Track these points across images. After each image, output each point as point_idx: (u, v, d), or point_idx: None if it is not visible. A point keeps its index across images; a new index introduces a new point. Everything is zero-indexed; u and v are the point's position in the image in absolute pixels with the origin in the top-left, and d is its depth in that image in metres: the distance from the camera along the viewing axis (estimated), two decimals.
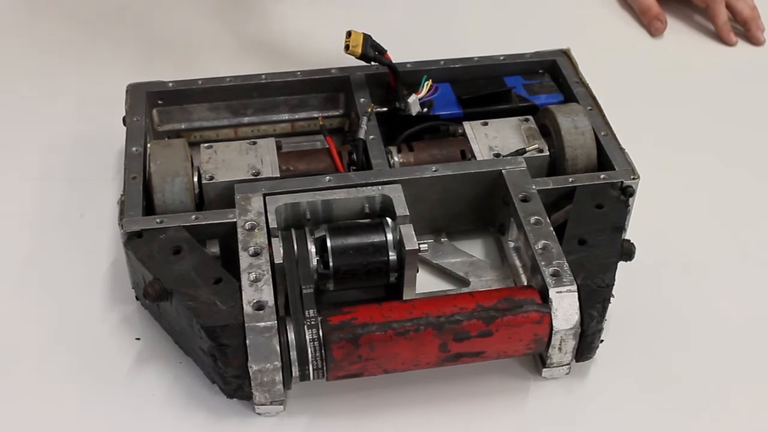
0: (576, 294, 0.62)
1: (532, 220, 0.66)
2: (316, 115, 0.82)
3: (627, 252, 0.65)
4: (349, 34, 0.75)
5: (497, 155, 0.73)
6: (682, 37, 1.02)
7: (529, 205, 0.67)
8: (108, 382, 0.65)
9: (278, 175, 0.70)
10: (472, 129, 0.75)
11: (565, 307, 0.61)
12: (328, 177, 0.68)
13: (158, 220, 0.66)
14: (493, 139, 0.74)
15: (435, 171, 0.70)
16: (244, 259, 0.63)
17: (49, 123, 0.88)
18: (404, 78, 0.78)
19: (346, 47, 0.75)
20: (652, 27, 1.01)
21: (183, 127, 0.81)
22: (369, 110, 0.76)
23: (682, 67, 0.98)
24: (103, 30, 1.00)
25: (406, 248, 0.63)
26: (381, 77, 0.79)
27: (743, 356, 0.68)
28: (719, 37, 1.00)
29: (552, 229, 0.66)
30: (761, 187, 0.83)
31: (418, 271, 0.65)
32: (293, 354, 0.59)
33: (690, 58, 0.99)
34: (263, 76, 0.80)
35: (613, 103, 0.78)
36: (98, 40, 0.99)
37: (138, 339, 0.67)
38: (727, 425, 0.63)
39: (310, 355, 0.59)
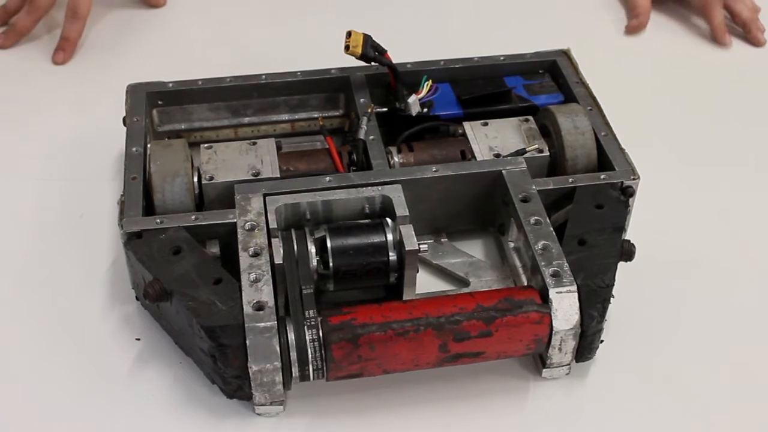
0: (576, 294, 0.62)
1: (532, 220, 0.66)
2: (316, 116, 0.82)
3: (627, 252, 0.65)
4: (349, 34, 0.75)
5: (497, 155, 0.73)
6: (681, 37, 1.02)
7: (529, 205, 0.67)
8: (108, 382, 0.65)
9: (278, 176, 0.70)
10: (472, 129, 0.75)
11: (565, 307, 0.61)
12: (328, 177, 0.68)
13: (158, 221, 0.66)
14: (493, 140, 0.74)
15: (435, 171, 0.70)
16: (244, 260, 0.63)
17: (49, 123, 0.88)
18: (404, 78, 0.78)
19: (346, 47, 0.75)
20: (629, 25, 1.01)
21: (183, 127, 0.81)
22: (369, 110, 0.76)
23: (681, 67, 0.98)
24: (103, 30, 1.00)
25: (406, 248, 0.63)
26: (381, 77, 0.79)
27: (743, 356, 0.68)
28: (714, 38, 1.00)
29: (552, 229, 0.66)
30: (761, 186, 0.83)
31: (418, 272, 0.65)
32: (293, 354, 0.59)
33: (690, 58, 0.99)
34: (263, 76, 0.80)
35: (612, 104, 0.78)
36: (98, 40, 0.99)
37: (138, 339, 0.67)
38: (727, 425, 0.63)
39: (310, 356, 0.59)
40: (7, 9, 1.00)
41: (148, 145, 0.74)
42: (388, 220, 0.66)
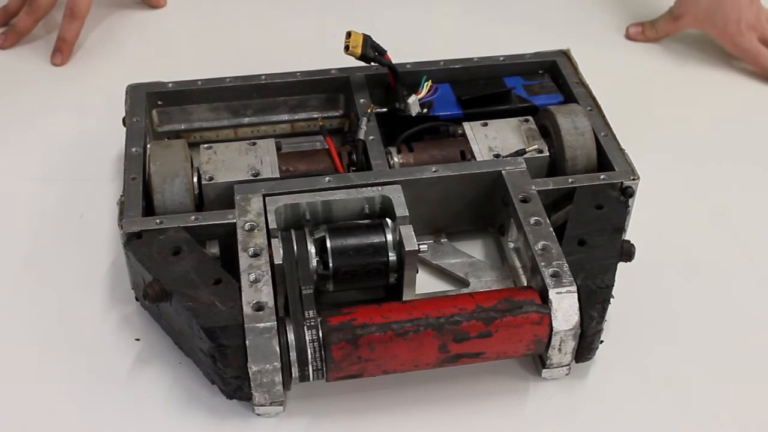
0: (576, 295, 0.62)
1: (532, 220, 0.66)
2: (315, 116, 0.82)
3: (627, 252, 0.65)
4: (348, 34, 0.75)
5: (497, 156, 0.73)
6: (681, 38, 1.02)
7: (528, 205, 0.67)
8: (108, 382, 0.65)
9: (278, 176, 0.70)
10: (471, 129, 0.75)
11: (564, 307, 0.61)
12: (327, 178, 0.68)
13: (158, 221, 0.66)
14: (493, 140, 0.74)
15: (435, 172, 0.70)
16: (244, 260, 0.63)
17: (49, 123, 0.88)
18: (404, 78, 0.78)
19: (346, 48, 0.75)
20: (632, 32, 1.01)
21: (183, 127, 0.81)
22: (369, 111, 0.76)
23: (682, 67, 0.98)
24: (103, 30, 1.00)
25: (406, 249, 0.63)
26: (381, 78, 0.79)
27: (743, 356, 0.68)
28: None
29: (552, 229, 0.66)
30: (761, 186, 0.83)
31: (417, 272, 0.65)
32: (293, 355, 0.59)
33: (690, 58, 0.99)
34: (263, 77, 0.80)
35: (612, 104, 0.78)
36: (98, 40, 0.99)
37: (138, 340, 0.67)
38: (726, 425, 0.63)
39: (309, 356, 0.59)
40: (7, 10, 0.99)
41: (148, 146, 0.74)
42: (388, 220, 0.66)
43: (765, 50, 0.95)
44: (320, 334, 0.59)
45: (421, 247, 0.64)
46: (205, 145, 0.73)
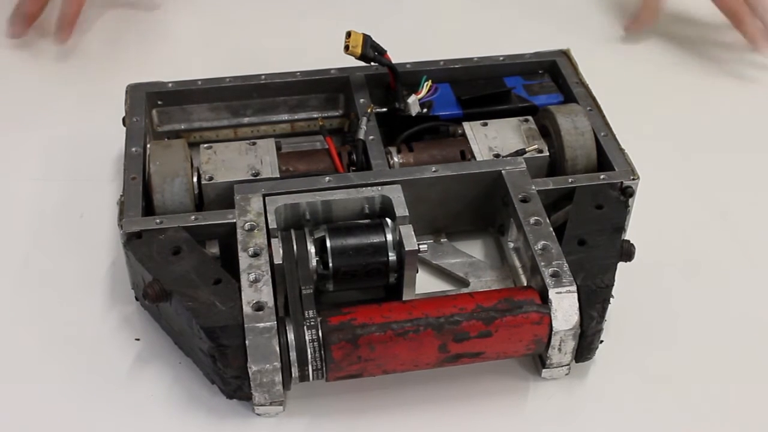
0: (576, 294, 0.62)
1: (532, 220, 0.66)
2: (315, 116, 0.82)
3: (627, 252, 0.65)
4: (348, 34, 0.75)
5: (497, 156, 0.73)
6: (682, 38, 1.02)
7: (528, 205, 0.67)
8: (107, 382, 0.65)
9: (278, 176, 0.70)
10: (471, 129, 0.75)
11: (564, 307, 0.61)
12: (327, 177, 0.68)
13: (158, 221, 0.66)
14: (493, 140, 0.74)
15: (435, 171, 0.70)
16: (244, 260, 0.63)
17: (49, 123, 0.88)
18: (404, 78, 0.78)
19: (346, 47, 0.75)
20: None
21: (183, 127, 0.81)
22: (369, 111, 0.76)
23: (681, 66, 0.98)
24: (103, 30, 1.00)
25: (406, 249, 0.63)
26: (381, 78, 0.79)
27: (743, 356, 0.68)
28: (752, 48, 0.96)
29: (552, 229, 0.66)
30: (761, 187, 0.83)
31: (417, 272, 0.65)
32: (293, 355, 0.59)
33: (691, 58, 0.99)
34: (263, 77, 0.80)
35: (612, 104, 0.78)
36: (98, 40, 0.99)
37: (137, 340, 0.67)
38: (726, 425, 0.63)
39: (309, 356, 0.59)
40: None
41: (148, 146, 0.74)
42: (388, 220, 0.66)
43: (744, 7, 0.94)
44: (320, 334, 0.59)
45: (421, 247, 0.64)
46: (205, 145, 0.73)
